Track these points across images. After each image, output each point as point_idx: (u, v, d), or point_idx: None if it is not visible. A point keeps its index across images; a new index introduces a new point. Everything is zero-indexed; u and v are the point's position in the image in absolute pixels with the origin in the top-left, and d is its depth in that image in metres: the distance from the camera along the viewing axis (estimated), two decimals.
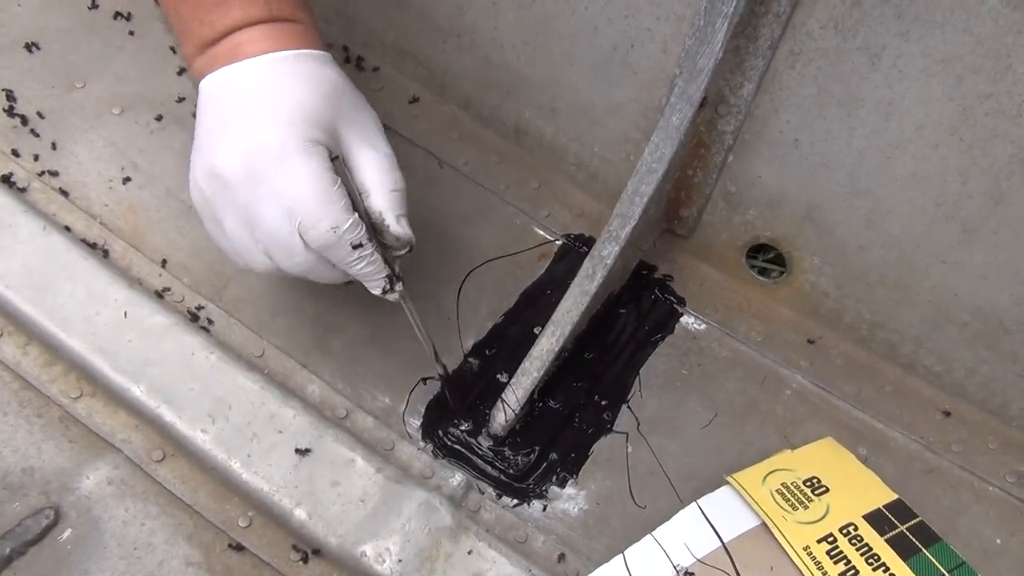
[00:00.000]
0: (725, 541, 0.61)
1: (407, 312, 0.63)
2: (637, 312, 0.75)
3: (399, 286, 0.61)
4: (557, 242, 0.78)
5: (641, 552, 0.62)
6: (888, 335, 0.72)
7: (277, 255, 0.57)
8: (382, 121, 0.61)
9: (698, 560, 0.61)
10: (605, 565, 0.62)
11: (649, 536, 0.62)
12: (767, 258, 0.78)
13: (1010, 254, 0.62)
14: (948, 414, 0.71)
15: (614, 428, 0.70)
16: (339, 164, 0.56)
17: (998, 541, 0.66)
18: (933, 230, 0.64)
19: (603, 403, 0.71)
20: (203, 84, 0.57)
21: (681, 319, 0.75)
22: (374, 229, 0.58)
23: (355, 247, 0.56)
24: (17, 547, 0.60)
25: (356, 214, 0.56)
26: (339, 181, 0.55)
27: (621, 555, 0.62)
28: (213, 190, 0.56)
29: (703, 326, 0.75)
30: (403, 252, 0.60)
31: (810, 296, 0.74)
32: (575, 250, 0.77)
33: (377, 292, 0.60)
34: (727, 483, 0.65)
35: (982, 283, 0.65)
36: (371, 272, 0.58)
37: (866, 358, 0.73)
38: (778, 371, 0.73)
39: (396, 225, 0.58)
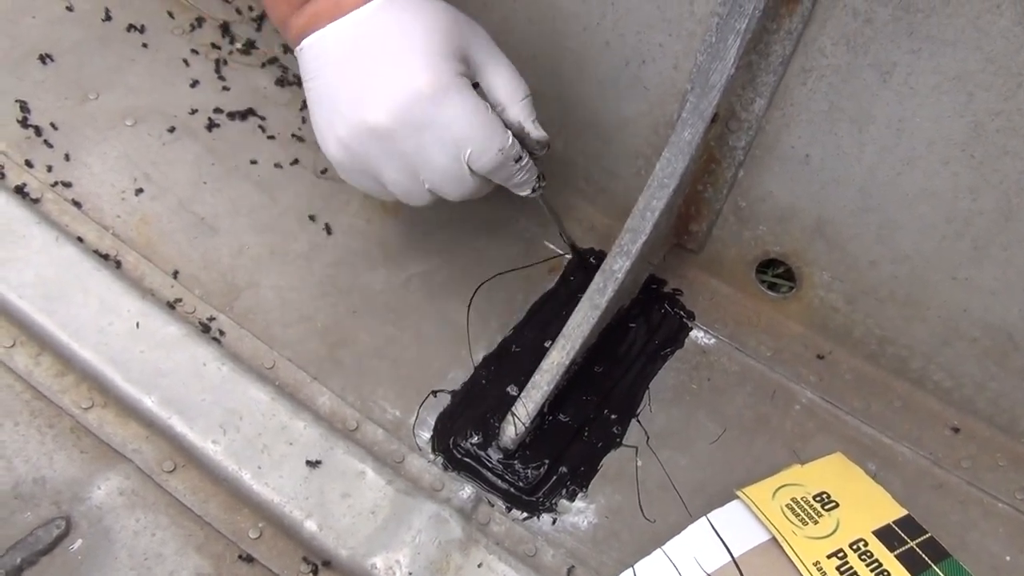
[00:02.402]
0: (735, 555, 0.61)
1: (540, 202, 0.68)
2: (647, 326, 0.75)
3: (544, 182, 0.64)
4: (567, 256, 0.78)
5: (651, 566, 0.62)
6: (898, 350, 0.72)
7: (445, 188, 0.60)
8: None
9: (708, 574, 0.61)
10: None
11: (659, 550, 0.62)
12: (777, 273, 0.78)
13: (1020, 270, 0.62)
14: (957, 430, 0.71)
15: (624, 442, 0.70)
16: (480, 89, 0.59)
17: (1007, 558, 0.66)
18: (943, 246, 0.64)
19: (613, 417, 0.71)
20: (310, 44, 0.57)
21: (691, 333, 0.75)
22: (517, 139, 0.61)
23: (516, 160, 0.60)
24: (28, 557, 0.60)
25: (510, 131, 0.59)
26: (488, 104, 0.58)
27: (631, 569, 0.62)
28: (366, 146, 0.57)
29: (713, 340, 0.75)
30: (543, 152, 0.63)
31: (820, 311, 0.74)
32: (585, 264, 0.78)
33: (525, 193, 0.63)
34: (737, 498, 0.65)
35: (992, 299, 0.65)
36: (527, 178, 0.62)
37: (875, 373, 0.74)
38: (787, 386, 0.73)
39: (535, 129, 0.61)
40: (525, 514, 0.66)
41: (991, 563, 0.65)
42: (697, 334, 0.76)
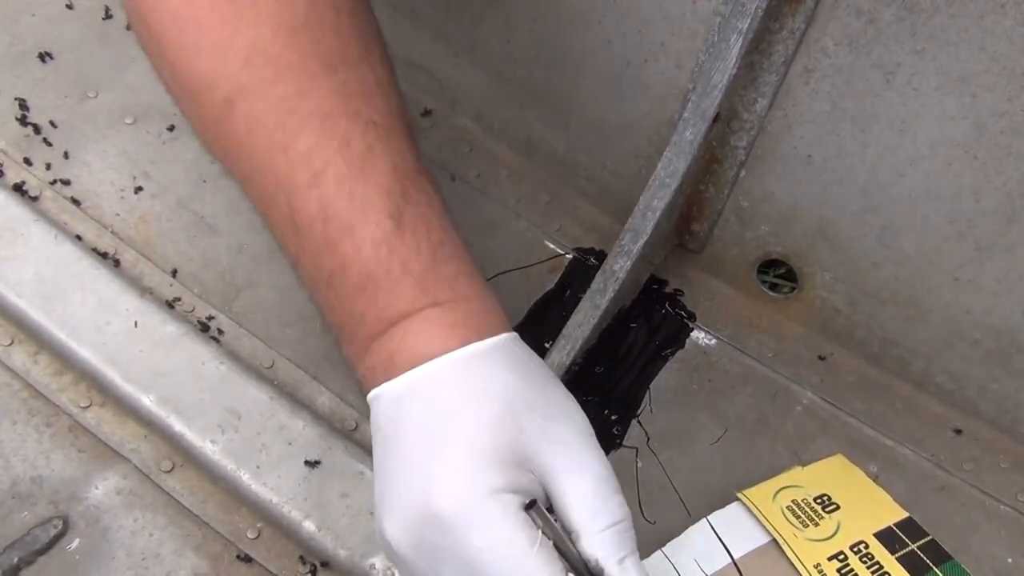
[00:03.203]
0: (735, 557, 0.61)
1: None
2: (647, 327, 0.75)
3: None
4: (568, 256, 0.78)
5: (651, 567, 0.61)
6: (900, 352, 0.72)
7: None
8: None
9: None
10: None
11: (659, 552, 0.62)
12: (778, 274, 0.78)
13: (1023, 272, 0.62)
14: (959, 432, 0.71)
15: (624, 443, 0.70)
16: (538, 510, 0.42)
17: (1010, 560, 0.65)
18: (946, 247, 0.64)
19: (613, 418, 0.70)
20: (372, 398, 0.47)
21: (692, 334, 0.75)
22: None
23: None
24: (25, 556, 0.59)
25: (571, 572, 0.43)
26: (539, 536, 0.41)
27: None
28: (389, 553, 0.45)
29: (714, 341, 0.75)
30: None
31: (821, 312, 0.74)
32: (586, 264, 0.77)
33: None
34: (737, 499, 0.64)
35: (995, 301, 0.65)
36: None
37: (877, 375, 0.73)
38: (789, 387, 0.73)
39: (619, 572, 0.44)
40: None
41: (993, 565, 0.65)
42: (698, 335, 0.75)
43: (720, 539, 0.62)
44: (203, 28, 0.45)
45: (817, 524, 0.62)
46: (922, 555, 0.62)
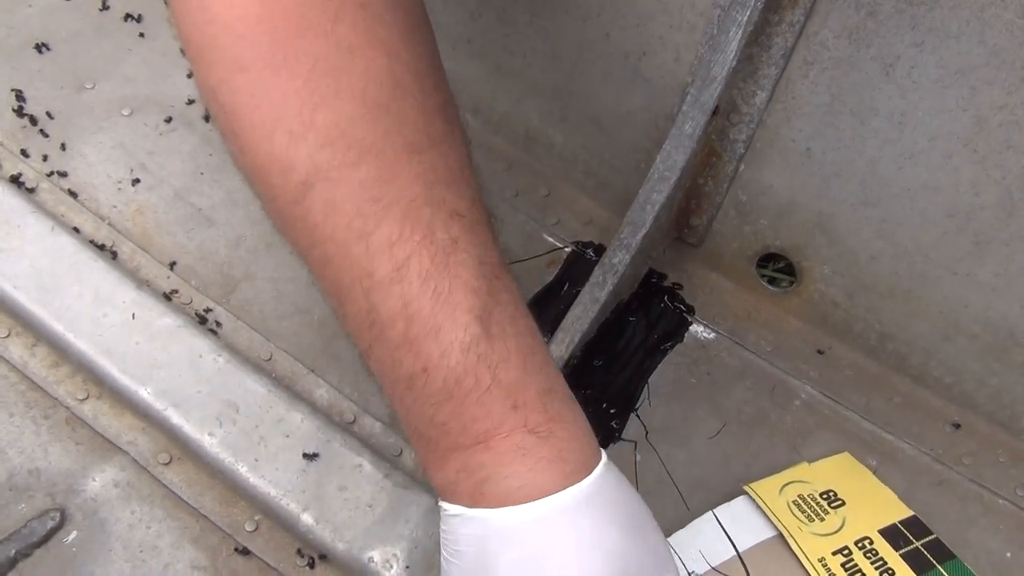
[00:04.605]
0: (740, 550, 0.61)
1: None
2: (646, 320, 0.75)
3: None
4: (566, 249, 0.78)
5: None
6: (898, 346, 0.72)
7: None
8: None
9: (713, 568, 0.60)
10: None
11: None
12: (777, 267, 0.77)
13: (1021, 266, 0.62)
14: (958, 426, 0.71)
15: (622, 436, 0.70)
16: None
17: (1008, 555, 0.65)
18: (945, 241, 0.64)
19: (611, 411, 0.70)
20: (451, 516, 0.45)
21: (690, 328, 0.75)
22: None
23: None
24: (22, 549, 0.59)
25: None
26: None
27: None
28: None
29: (712, 335, 0.75)
30: None
31: (820, 306, 0.74)
32: (584, 258, 0.77)
33: None
34: (744, 493, 0.64)
35: (993, 295, 0.65)
36: None
37: (876, 369, 0.73)
38: (787, 381, 0.73)
39: None
40: None
41: (991, 560, 0.65)
42: (697, 328, 0.75)
43: (725, 531, 0.62)
44: (281, 106, 0.41)
45: (823, 519, 0.62)
46: (926, 553, 0.62)
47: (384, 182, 0.42)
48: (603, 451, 0.46)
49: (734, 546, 0.61)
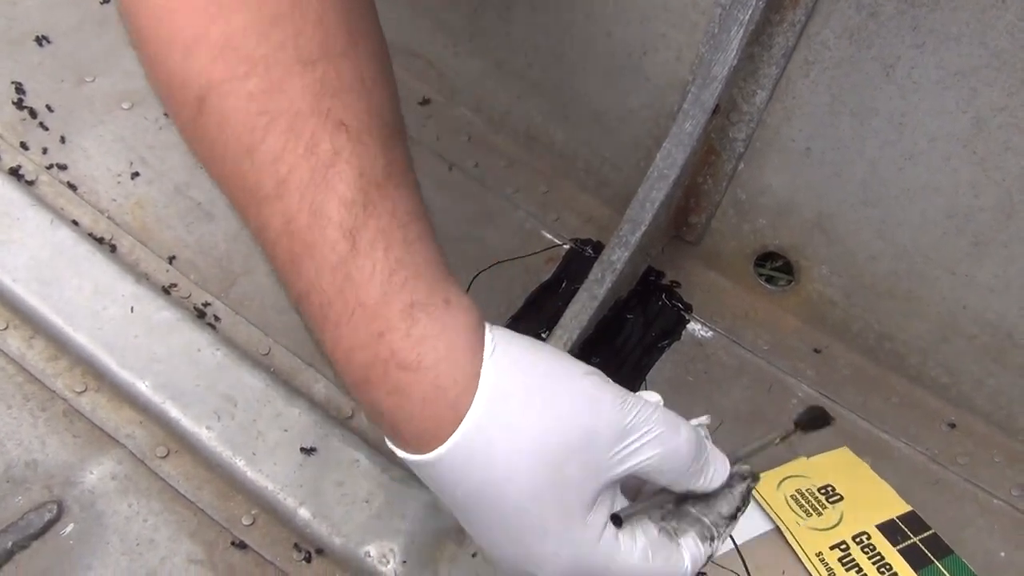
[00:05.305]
0: (738, 543, 0.61)
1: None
2: (644, 318, 0.75)
3: None
4: (565, 246, 0.78)
5: None
6: (895, 346, 0.72)
7: None
8: None
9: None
10: None
11: None
12: (775, 266, 0.78)
13: (1020, 267, 0.62)
14: (954, 426, 0.71)
15: None
16: (627, 521, 0.44)
17: (1002, 554, 0.66)
18: (944, 242, 0.64)
19: None
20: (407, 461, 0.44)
21: (688, 326, 0.75)
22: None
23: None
24: (19, 541, 0.59)
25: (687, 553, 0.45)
26: (641, 542, 0.44)
27: None
28: None
29: (710, 333, 0.75)
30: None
31: (817, 305, 0.74)
32: (583, 255, 0.77)
33: None
34: None
35: (991, 296, 0.65)
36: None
37: (873, 369, 0.73)
38: (784, 380, 0.73)
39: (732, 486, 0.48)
40: None
41: (986, 559, 0.65)
42: (694, 326, 0.75)
43: None
44: (178, 20, 0.41)
45: (820, 514, 0.63)
46: (924, 548, 0.62)
47: (272, 94, 0.41)
48: (487, 329, 0.44)
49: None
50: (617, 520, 0.43)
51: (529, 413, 0.42)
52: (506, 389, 0.42)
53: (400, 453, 0.44)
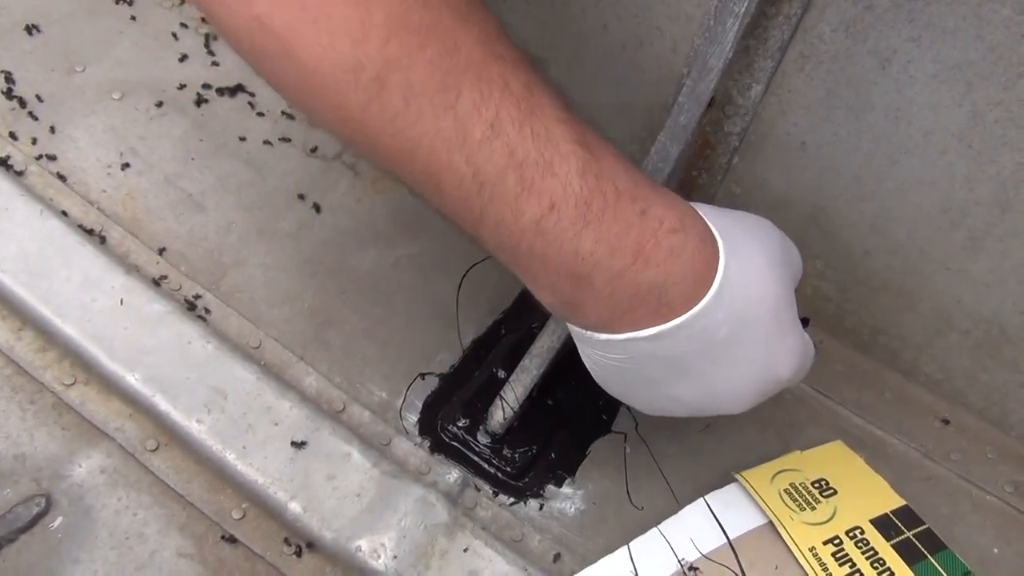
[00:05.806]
0: (731, 538, 0.61)
1: None
2: None
3: None
4: None
5: (646, 545, 0.61)
6: (889, 341, 0.72)
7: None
8: None
9: (703, 555, 0.60)
10: (609, 556, 0.61)
11: (655, 529, 0.62)
12: None
13: (1015, 262, 0.62)
14: (947, 422, 0.71)
15: (613, 428, 0.69)
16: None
17: (995, 551, 0.66)
18: (938, 236, 0.64)
19: (601, 403, 0.70)
20: (626, 343, 0.51)
21: None
22: None
23: None
24: (7, 534, 0.59)
25: None
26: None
27: (626, 547, 0.62)
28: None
29: None
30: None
31: (812, 300, 0.74)
32: None
33: None
34: (735, 480, 0.64)
35: (986, 291, 0.65)
36: None
37: (867, 364, 0.73)
38: None
39: None
40: (512, 499, 0.66)
41: (979, 555, 0.65)
42: None
43: (717, 519, 0.62)
44: (336, 16, 0.43)
45: (814, 508, 0.62)
46: (918, 543, 0.62)
47: (451, 53, 0.44)
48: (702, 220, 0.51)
49: (725, 534, 0.61)
50: (806, 321, 0.60)
51: (752, 243, 0.52)
52: (726, 232, 0.51)
53: (649, 331, 0.49)
